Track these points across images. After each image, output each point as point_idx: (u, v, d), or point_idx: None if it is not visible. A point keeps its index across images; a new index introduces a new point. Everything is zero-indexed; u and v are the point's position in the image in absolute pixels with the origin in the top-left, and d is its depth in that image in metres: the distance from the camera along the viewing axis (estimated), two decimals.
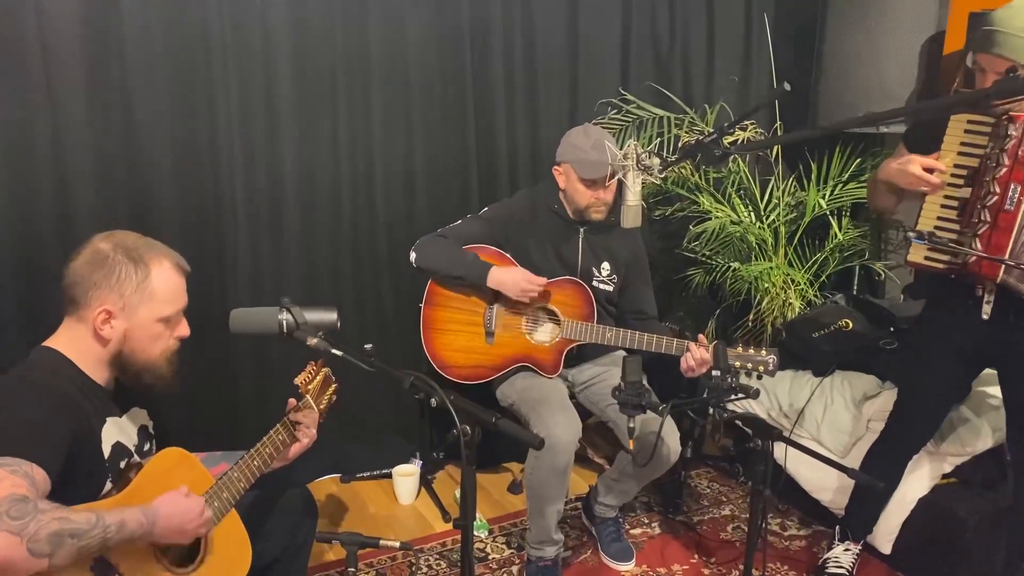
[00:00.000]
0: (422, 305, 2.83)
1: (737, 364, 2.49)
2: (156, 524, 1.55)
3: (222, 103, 2.97)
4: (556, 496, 2.60)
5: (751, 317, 3.63)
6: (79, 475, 1.59)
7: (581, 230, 2.83)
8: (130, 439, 1.79)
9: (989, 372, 2.49)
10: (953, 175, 2.22)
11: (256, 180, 3.09)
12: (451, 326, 2.80)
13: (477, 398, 1.80)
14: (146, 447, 1.85)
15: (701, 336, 2.56)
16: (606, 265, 2.86)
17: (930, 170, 2.19)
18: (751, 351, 2.46)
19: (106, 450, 1.69)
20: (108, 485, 1.68)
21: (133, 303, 1.69)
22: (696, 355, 2.51)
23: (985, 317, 2.27)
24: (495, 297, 2.76)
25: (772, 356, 2.45)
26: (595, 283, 2.83)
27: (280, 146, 3.10)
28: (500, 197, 3.30)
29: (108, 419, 1.72)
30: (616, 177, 2.70)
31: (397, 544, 1.79)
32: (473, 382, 2.79)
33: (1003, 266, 2.14)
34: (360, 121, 3.25)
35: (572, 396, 2.84)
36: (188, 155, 2.95)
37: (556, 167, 2.81)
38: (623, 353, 2.96)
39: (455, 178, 3.48)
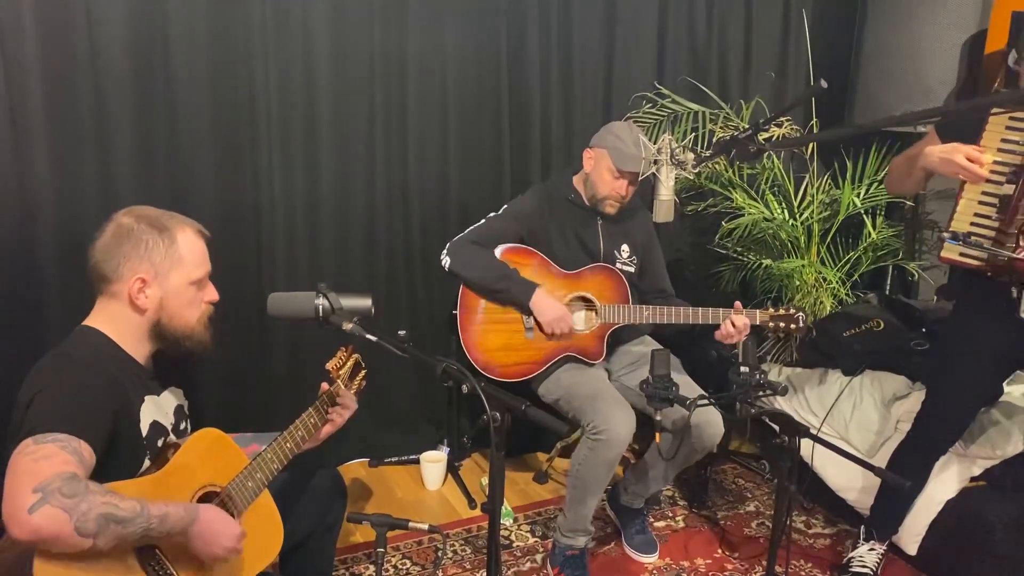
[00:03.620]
0: (456, 311, 2.79)
1: (771, 325, 2.67)
2: (194, 525, 1.56)
3: (262, 106, 3.01)
4: (600, 488, 2.64)
5: None
6: (119, 452, 1.63)
7: (598, 216, 2.88)
8: (167, 418, 1.83)
9: (1020, 374, 2.46)
10: (993, 172, 2.19)
11: (294, 180, 3.13)
12: (489, 327, 2.78)
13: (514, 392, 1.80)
14: (182, 426, 1.90)
15: (737, 303, 2.66)
16: (625, 248, 2.92)
17: (972, 160, 2.16)
18: (780, 311, 2.66)
19: (144, 428, 1.73)
20: (147, 462, 1.72)
21: (164, 269, 1.73)
22: (736, 321, 2.61)
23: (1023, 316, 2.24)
24: None
25: (801, 314, 2.64)
26: (618, 266, 2.88)
27: (317, 146, 3.14)
28: None
29: (147, 397, 1.77)
30: (643, 177, 2.74)
31: (426, 526, 1.82)
32: (518, 379, 2.77)
33: None
34: (396, 116, 3.28)
35: None
36: (229, 155, 2.99)
37: (587, 150, 2.84)
38: (651, 340, 3.01)
39: (488, 172, 3.50)
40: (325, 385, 2.10)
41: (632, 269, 2.92)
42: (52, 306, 2.76)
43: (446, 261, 2.76)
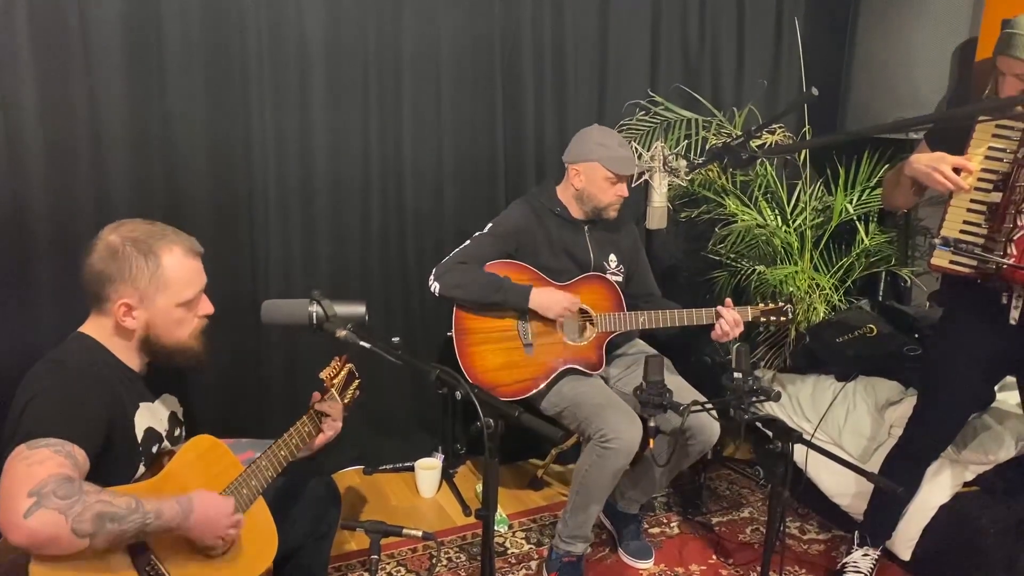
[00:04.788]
0: (451, 334, 2.74)
1: (763, 319, 2.76)
2: (190, 516, 1.58)
3: (255, 98, 3.00)
4: (604, 495, 2.64)
5: None
6: (114, 458, 1.64)
7: (585, 228, 2.89)
8: (161, 424, 1.84)
9: (1011, 380, 2.47)
10: (981, 179, 2.20)
11: (287, 176, 3.12)
12: (487, 347, 2.74)
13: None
14: (176, 433, 1.90)
15: (728, 300, 2.71)
16: (613, 257, 2.93)
17: (958, 171, 2.18)
18: (770, 305, 2.76)
19: (139, 434, 1.74)
20: (141, 469, 1.73)
21: (149, 294, 1.72)
22: (728, 318, 2.65)
23: (1013, 322, 2.25)
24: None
25: (789, 306, 2.75)
26: (608, 276, 2.88)
27: (311, 141, 3.13)
28: None
29: (141, 404, 1.77)
30: (643, 177, 2.75)
31: (420, 533, 1.82)
32: (524, 396, 2.72)
33: None
34: (391, 117, 3.27)
35: None
36: (222, 149, 2.98)
37: (572, 166, 2.83)
38: (642, 343, 3.03)
39: (483, 175, 3.49)
40: (317, 394, 2.09)
41: (621, 278, 2.92)
42: (46, 309, 2.75)
43: (435, 287, 2.70)
